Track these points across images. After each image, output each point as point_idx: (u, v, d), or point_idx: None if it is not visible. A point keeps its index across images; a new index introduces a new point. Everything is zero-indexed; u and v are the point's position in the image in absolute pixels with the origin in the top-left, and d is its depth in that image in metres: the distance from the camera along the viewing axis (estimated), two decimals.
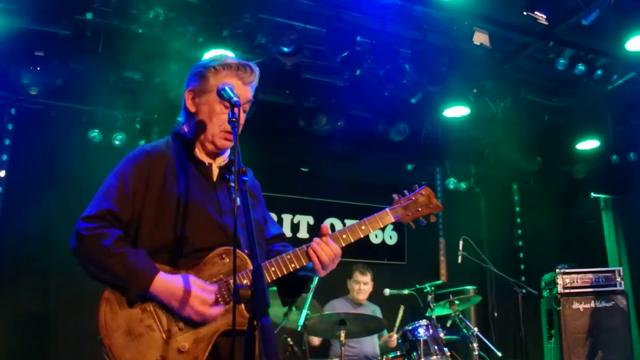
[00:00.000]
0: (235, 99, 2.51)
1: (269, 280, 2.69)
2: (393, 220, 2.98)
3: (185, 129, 2.89)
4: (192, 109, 2.85)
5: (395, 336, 6.71)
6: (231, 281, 2.57)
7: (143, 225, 2.66)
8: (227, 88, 2.60)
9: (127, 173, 2.71)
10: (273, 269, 2.70)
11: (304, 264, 2.75)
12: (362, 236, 2.92)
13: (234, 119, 2.45)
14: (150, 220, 2.65)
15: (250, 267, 2.56)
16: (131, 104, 7.42)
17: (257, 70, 2.88)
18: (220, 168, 2.86)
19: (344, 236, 2.88)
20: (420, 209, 3.02)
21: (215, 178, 2.83)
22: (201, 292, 2.52)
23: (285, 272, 2.72)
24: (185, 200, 2.68)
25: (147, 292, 2.51)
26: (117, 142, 7.43)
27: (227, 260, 2.64)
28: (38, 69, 6.70)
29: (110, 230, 2.58)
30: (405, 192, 3.07)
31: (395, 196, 3.05)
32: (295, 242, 3.17)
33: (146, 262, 2.55)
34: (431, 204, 3.04)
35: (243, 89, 2.81)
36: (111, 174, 2.76)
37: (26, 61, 6.67)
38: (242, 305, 2.54)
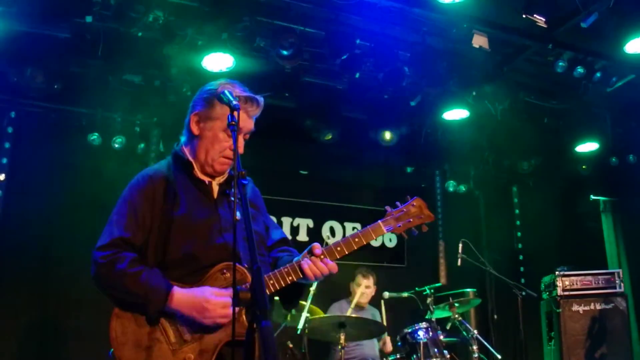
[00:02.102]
0: (234, 102, 2.56)
1: (268, 293, 2.76)
2: (385, 231, 3.06)
3: (185, 149, 2.98)
4: (196, 132, 2.93)
5: (389, 343, 6.73)
6: None
7: (149, 245, 2.77)
8: (226, 92, 2.66)
9: (134, 200, 2.82)
10: (272, 282, 2.79)
11: (301, 276, 2.84)
12: (355, 248, 2.97)
13: (233, 122, 2.50)
14: (156, 242, 2.76)
15: (250, 280, 2.64)
16: (131, 107, 7.42)
17: (262, 103, 2.96)
18: (220, 185, 2.95)
19: (338, 249, 2.92)
20: (411, 220, 3.08)
21: (216, 195, 2.92)
22: (220, 298, 2.64)
23: (283, 285, 2.81)
24: (187, 221, 2.78)
25: (166, 306, 2.62)
26: (116, 146, 7.42)
27: (228, 274, 2.73)
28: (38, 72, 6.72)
29: (125, 254, 2.70)
30: (398, 203, 3.13)
31: (387, 208, 3.12)
32: (295, 245, 3.23)
33: (161, 279, 2.67)
34: (422, 214, 3.10)
35: (247, 121, 2.91)
36: (118, 202, 2.87)
37: (26, 64, 6.69)
38: (243, 316, 2.65)
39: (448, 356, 6.00)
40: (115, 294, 2.69)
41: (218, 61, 6.56)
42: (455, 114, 8.12)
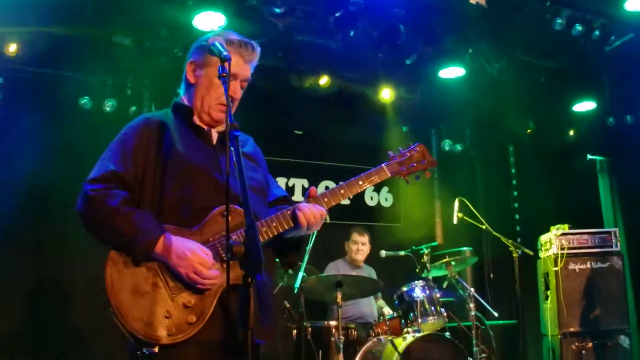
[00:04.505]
0: (225, 53, 2.53)
1: (262, 240, 2.71)
2: (389, 175, 3.08)
3: (184, 99, 2.99)
4: (192, 80, 2.94)
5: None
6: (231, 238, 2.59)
7: (146, 187, 2.72)
8: (216, 43, 2.64)
9: (128, 138, 2.79)
10: (264, 229, 2.76)
11: (292, 225, 2.81)
12: (359, 190, 3.00)
13: (224, 74, 2.46)
14: (153, 182, 2.72)
15: None
16: (121, 69, 7.33)
17: (258, 49, 2.97)
18: (219, 133, 2.93)
19: (342, 191, 2.95)
20: (415, 164, 3.13)
21: (215, 142, 2.91)
22: (202, 254, 2.58)
23: (276, 233, 2.78)
24: (186, 162, 2.75)
25: (153, 250, 2.56)
26: (108, 109, 7.38)
27: (230, 217, 2.61)
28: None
29: (117, 192, 2.64)
30: (400, 149, 3.17)
31: (390, 153, 3.15)
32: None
33: (152, 222, 2.62)
34: (425, 159, 3.15)
35: (243, 67, 2.91)
36: (112, 141, 2.83)
37: (13, 27, 6.56)
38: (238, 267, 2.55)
39: (445, 314, 6.04)
40: (102, 231, 2.61)
41: (209, 20, 6.45)
42: (451, 72, 8.04)
